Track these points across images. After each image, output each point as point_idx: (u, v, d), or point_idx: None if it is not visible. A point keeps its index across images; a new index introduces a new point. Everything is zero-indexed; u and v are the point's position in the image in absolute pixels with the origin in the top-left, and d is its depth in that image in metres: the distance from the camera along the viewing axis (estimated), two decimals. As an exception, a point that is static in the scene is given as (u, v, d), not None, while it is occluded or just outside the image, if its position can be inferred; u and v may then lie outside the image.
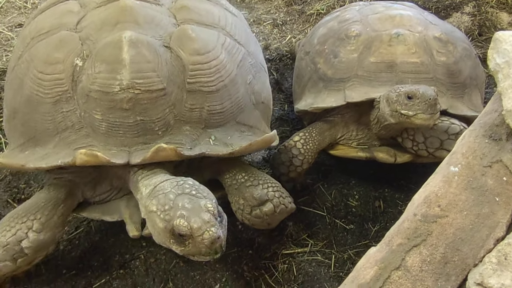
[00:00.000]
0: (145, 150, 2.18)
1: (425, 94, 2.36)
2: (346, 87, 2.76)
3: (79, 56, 2.25)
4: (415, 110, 2.38)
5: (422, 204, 1.71)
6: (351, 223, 2.88)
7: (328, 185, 3.05)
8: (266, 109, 2.69)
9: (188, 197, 1.98)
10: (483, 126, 1.87)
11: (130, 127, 2.20)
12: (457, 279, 1.57)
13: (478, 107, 2.83)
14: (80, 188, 2.45)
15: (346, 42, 2.85)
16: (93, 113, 2.20)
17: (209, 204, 1.94)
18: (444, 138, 2.63)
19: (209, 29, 2.46)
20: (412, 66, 2.71)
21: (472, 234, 1.63)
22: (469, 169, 1.76)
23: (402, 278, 1.58)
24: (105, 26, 2.32)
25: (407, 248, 1.63)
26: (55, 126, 2.26)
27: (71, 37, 2.31)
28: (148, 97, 2.18)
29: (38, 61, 2.30)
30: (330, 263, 2.69)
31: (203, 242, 1.88)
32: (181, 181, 2.07)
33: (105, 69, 2.18)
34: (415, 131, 2.68)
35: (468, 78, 2.84)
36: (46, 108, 2.26)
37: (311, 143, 2.80)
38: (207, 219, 1.89)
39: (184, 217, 1.90)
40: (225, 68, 2.36)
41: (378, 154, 2.82)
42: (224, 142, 2.32)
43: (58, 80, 2.24)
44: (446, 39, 2.82)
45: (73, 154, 2.13)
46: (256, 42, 2.92)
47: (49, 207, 2.31)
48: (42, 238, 2.24)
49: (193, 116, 2.29)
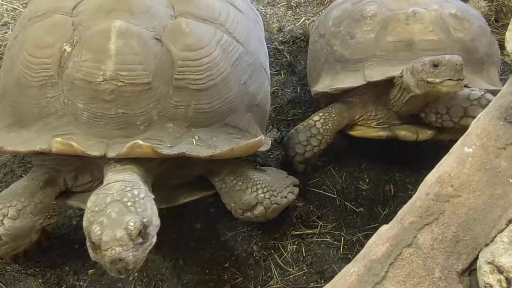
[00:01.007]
0: (123, 144, 2.12)
1: (451, 60, 2.36)
2: (364, 67, 2.75)
3: (68, 41, 2.21)
4: (442, 76, 2.37)
5: (435, 184, 1.73)
6: (361, 206, 2.90)
7: (339, 167, 3.06)
8: (261, 112, 2.60)
9: (120, 207, 1.88)
10: (498, 109, 1.88)
11: (111, 119, 2.15)
12: (468, 257, 1.59)
13: (496, 83, 2.84)
14: (62, 176, 2.40)
15: (362, 22, 2.85)
16: (76, 101, 2.16)
17: (132, 223, 1.82)
18: (467, 104, 2.63)
19: (207, 24, 2.37)
20: (430, 44, 2.70)
21: (484, 214, 1.65)
22: (483, 150, 1.78)
23: (413, 255, 1.60)
24: (100, 12, 2.27)
25: (419, 226, 1.65)
26: (39, 111, 2.23)
27: (64, 22, 2.27)
28: (132, 90, 2.12)
29: (29, 43, 2.27)
30: (339, 245, 2.72)
31: (104, 257, 1.80)
32: (128, 188, 1.98)
33: (90, 58, 2.13)
34: (437, 104, 2.69)
35: (485, 55, 2.84)
36: (33, 92, 2.23)
37: (330, 123, 2.81)
38: (119, 237, 1.79)
39: (101, 226, 1.83)
40: (217, 66, 2.28)
41: (400, 132, 2.82)
42: (208, 143, 2.25)
43: (45, 64, 2.21)
44: (462, 16, 2.83)
45: (51, 141, 2.11)
46: (260, 40, 2.82)
47: (26, 194, 2.27)
48: (18, 225, 2.20)
49: (178, 113, 2.22)
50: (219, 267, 2.64)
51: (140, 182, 2.10)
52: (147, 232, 1.89)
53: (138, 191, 1.98)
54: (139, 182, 2.10)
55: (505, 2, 4.12)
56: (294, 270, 2.61)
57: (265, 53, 2.85)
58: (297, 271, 2.61)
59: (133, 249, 1.81)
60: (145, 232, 1.88)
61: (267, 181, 2.45)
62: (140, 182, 2.10)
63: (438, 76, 2.39)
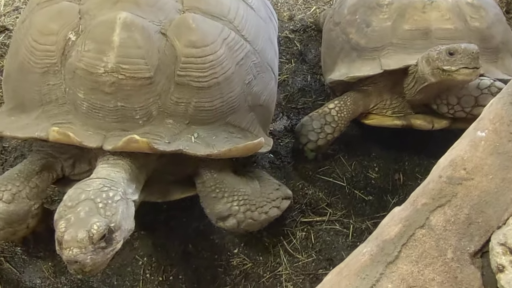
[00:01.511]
0: (120, 137, 2.11)
1: (467, 48, 2.37)
2: (381, 56, 2.76)
3: (74, 30, 2.21)
4: (458, 65, 2.38)
5: (448, 167, 1.73)
6: (370, 195, 2.92)
7: (349, 156, 3.08)
8: (265, 112, 2.58)
9: (91, 207, 1.86)
10: (511, 94, 1.88)
11: (110, 112, 2.14)
12: (480, 239, 1.60)
13: (511, 71, 2.84)
14: (60, 163, 2.40)
15: (378, 10, 2.85)
16: (76, 90, 2.16)
17: (96, 226, 1.79)
18: (477, 94, 2.64)
19: (215, 20, 2.32)
20: (447, 33, 2.71)
21: (496, 197, 1.65)
22: (496, 134, 1.78)
23: (426, 236, 1.60)
24: (106, 2, 2.24)
25: (432, 208, 1.65)
26: (40, 98, 2.24)
27: (71, 9, 2.26)
28: (132, 84, 2.11)
29: (35, 29, 2.27)
30: (348, 232, 2.74)
31: (63, 255, 1.79)
32: (105, 187, 1.96)
33: (93, 48, 2.12)
34: (448, 95, 2.69)
35: (500, 43, 2.84)
36: (35, 78, 2.24)
37: (345, 111, 2.81)
38: (79, 239, 1.76)
39: (67, 223, 1.81)
40: (221, 64, 2.24)
41: (416, 121, 2.83)
42: (207, 142, 2.23)
43: (49, 51, 2.21)
44: (478, 4, 2.83)
45: (49, 129, 2.11)
46: (270, 39, 2.75)
47: (21, 179, 2.26)
48: (12, 209, 2.20)
49: (178, 110, 2.21)
50: (228, 252, 2.67)
51: (122, 183, 2.07)
52: (112, 237, 1.86)
53: (114, 193, 1.95)
54: (121, 182, 2.07)
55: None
56: (303, 257, 2.64)
57: (275, 52, 2.80)
58: (306, 258, 2.64)
59: (92, 253, 1.78)
60: (109, 236, 1.85)
61: (247, 193, 2.33)
62: (122, 183, 2.06)
63: (454, 64, 2.39)
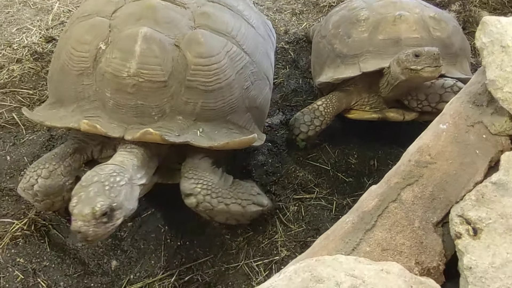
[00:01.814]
0: (138, 129, 2.13)
1: (430, 51, 2.40)
2: (360, 61, 2.77)
3: (104, 40, 2.23)
4: (422, 64, 2.40)
5: (416, 153, 1.75)
6: (350, 177, 2.91)
7: (333, 145, 3.07)
8: (260, 113, 2.56)
9: (100, 187, 1.86)
10: (468, 94, 1.89)
11: (131, 108, 2.16)
12: (441, 212, 1.62)
13: (467, 72, 2.87)
14: (90, 148, 2.42)
15: (357, 24, 2.86)
16: (105, 90, 2.18)
17: (99, 204, 1.80)
18: (442, 92, 2.67)
19: (220, 36, 2.34)
20: (414, 41, 2.72)
21: (456, 178, 1.67)
22: (455, 127, 1.79)
23: (398, 209, 1.62)
24: (131, 19, 2.27)
25: (402, 186, 1.67)
26: (76, 95, 2.26)
27: (102, 24, 2.28)
28: (150, 86, 2.14)
29: (73, 39, 2.30)
30: (332, 207, 2.73)
31: (71, 225, 1.82)
32: (115, 173, 1.95)
33: (119, 56, 2.15)
34: (417, 91, 2.71)
35: (458, 49, 2.87)
36: (72, 78, 2.26)
37: (331, 107, 2.84)
38: (84, 213, 1.78)
39: (78, 200, 1.83)
40: (224, 72, 2.25)
41: (389, 114, 2.85)
42: (210, 136, 2.23)
43: (84, 58, 2.24)
44: (439, 18, 2.85)
45: (80, 122, 2.14)
46: (266, 53, 2.74)
47: (57, 159, 2.28)
48: (49, 183, 2.23)
49: (187, 108, 2.22)
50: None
51: (131, 169, 2.07)
52: (113, 214, 1.88)
53: (121, 178, 1.96)
54: (130, 169, 2.06)
55: (471, 14, 4.10)
56: (295, 227, 2.63)
57: (271, 64, 2.79)
58: (297, 228, 2.63)
59: (94, 226, 1.80)
60: (111, 214, 1.86)
61: (213, 182, 2.23)
62: (130, 169, 2.06)
63: (419, 64, 2.41)
